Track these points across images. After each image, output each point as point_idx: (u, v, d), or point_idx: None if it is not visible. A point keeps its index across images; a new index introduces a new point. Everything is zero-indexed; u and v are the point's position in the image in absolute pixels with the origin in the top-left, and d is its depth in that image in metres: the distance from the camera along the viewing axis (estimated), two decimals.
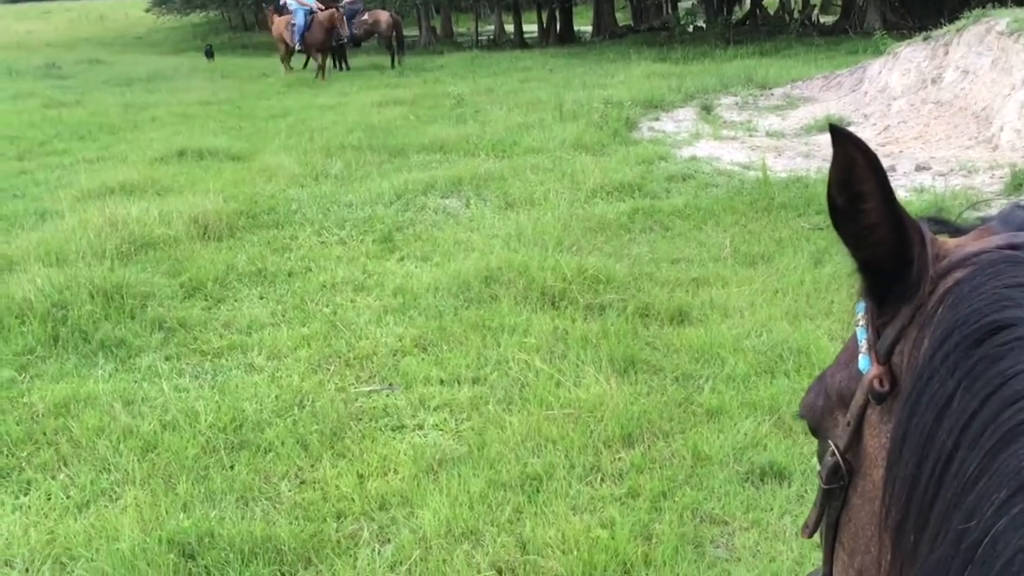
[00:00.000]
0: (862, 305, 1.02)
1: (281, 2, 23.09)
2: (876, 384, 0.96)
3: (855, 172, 0.93)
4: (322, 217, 8.36)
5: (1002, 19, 11.67)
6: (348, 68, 24.07)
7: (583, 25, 38.40)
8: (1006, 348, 0.83)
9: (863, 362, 0.99)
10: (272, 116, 15.41)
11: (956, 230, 1.03)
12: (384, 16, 24.40)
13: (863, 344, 1.00)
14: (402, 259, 7.29)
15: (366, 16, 25.14)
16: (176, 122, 15.03)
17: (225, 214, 8.23)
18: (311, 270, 7.04)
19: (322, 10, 21.69)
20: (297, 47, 21.94)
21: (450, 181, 9.52)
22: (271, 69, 24.14)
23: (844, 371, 1.06)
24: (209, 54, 34.36)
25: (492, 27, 38.59)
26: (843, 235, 0.98)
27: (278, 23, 22.45)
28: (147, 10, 48.94)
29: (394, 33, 24.31)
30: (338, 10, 21.97)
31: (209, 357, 5.59)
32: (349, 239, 7.79)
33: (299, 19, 21.55)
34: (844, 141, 0.92)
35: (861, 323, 1.02)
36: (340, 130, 13.08)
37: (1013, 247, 0.92)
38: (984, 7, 13.56)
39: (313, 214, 8.46)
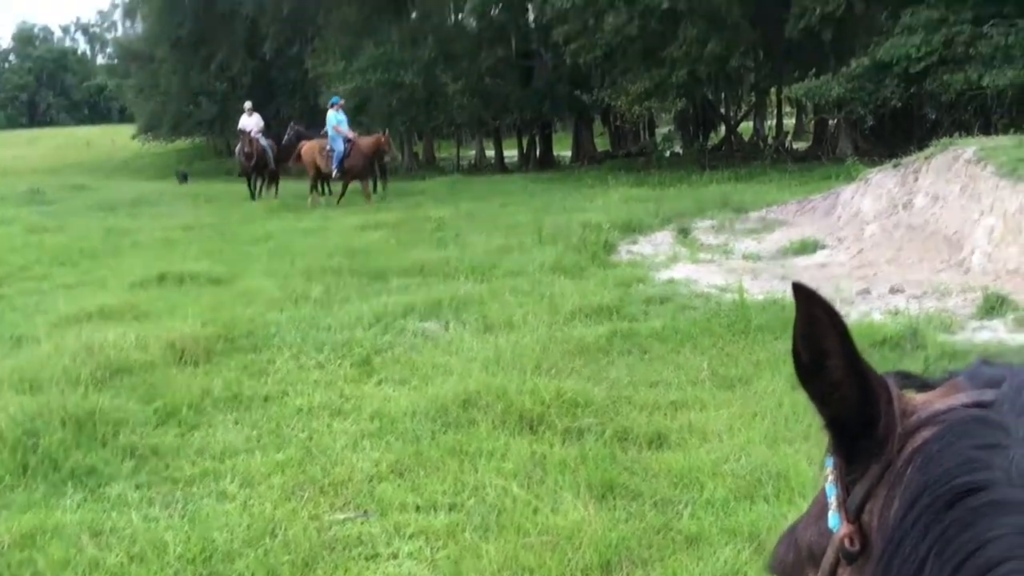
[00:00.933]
0: (831, 460, 1.00)
1: (247, 129, 23.58)
2: (847, 543, 0.94)
3: (818, 329, 0.92)
4: (300, 341, 8.33)
5: (969, 148, 12.00)
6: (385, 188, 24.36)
7: (563, 150, 39.24)
8: (978, 513, 0.81)
9: (833, 520, 0.97)
10: (254, 240, 15.53)
11: (923, 384, 1.02)
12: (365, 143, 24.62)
13: (832, 501, 0.98)
14: (380, 383, 7.25)
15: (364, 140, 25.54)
16: (157, 247, 15.12)
17: (203, 338, 8.19)
18: (288, 394, 6.98)
19: (351, 140, 21.65)
20: (335, 174, 21.49)
21: (429, 304, 9.55)
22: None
23: (814, 527, 1.04)
24: (183, 178, 34.87)
25: (473, 152, 39.36)
26: (809, 391, 0.97)
27: (309, 148, 22.07)
28: (133, 137, 49.82)
29: (377, 159, 24.69)
30: (383, 135, 22.24)
31: (181, 485, 5.48)
32: (327, 363, 7.76)
33: (337, 146, 21.29)
34: (806, 298, 0.92)
35: (830, 479, 1.00)
36: (321, 254, 13.17)
37: (981, 405, 0.91)
38: (951, 136, 13.94)
39: (292, 338, 8.43)
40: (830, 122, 29.50)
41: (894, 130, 26.06)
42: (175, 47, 43.82)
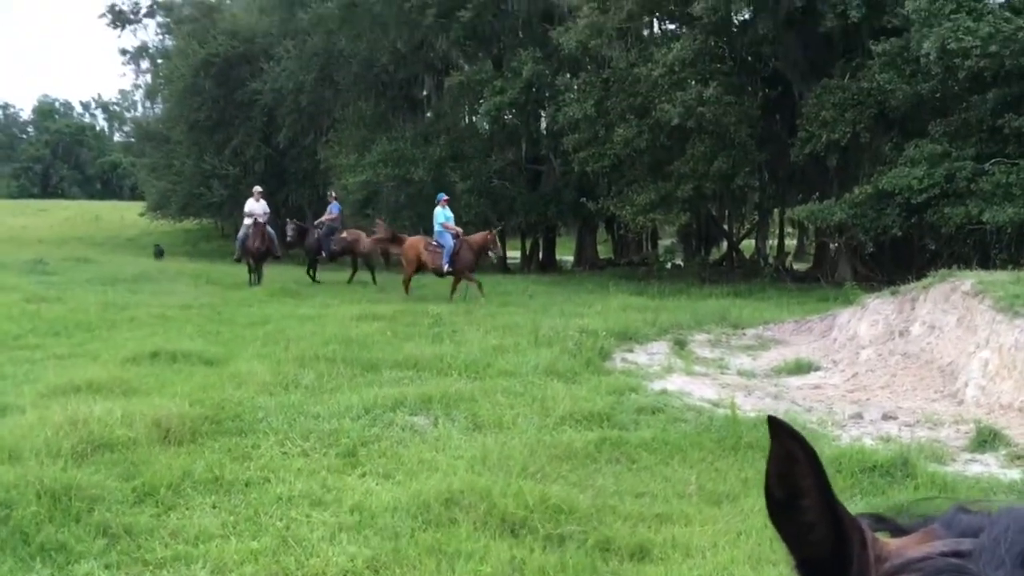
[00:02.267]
0: None
1: (255, 214, 23.69)
2: None
3: (794, 467, 0.91)
4: (287, 427, 8.27)
5: (967, 280, 12.10)
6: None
7: (565, 254, 39.52)
8: None
9: None
10: (251, 323, 15.53)
11: (897, 529, 1.01)
12: (363, 236, 24.48)
13: None
14: (364, 475, 7.16)
15: (345, 234, 25.67)
16: (154, 323, 15.11)
17: (189, 418, 8.13)
18: (269, 481, 6.89)
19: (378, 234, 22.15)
20: (446, 269, 20.89)
21: (420, 399, 9.50)
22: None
23: None
24: (159, 254, 35.17)
25: None
26: (781, 531, 0.95)
27: (413, 244, 21.62)
28: (141, 214, 50.22)
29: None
30: (491, 232, 22.02)
31: (151, 567, 5.38)
32: (312, 451, 7.68)
33: (447, 241, 20.92)
34: (783, 435, 0.91)
35: None
36: (317, 341, 13.15)
37: (958, 555, 0.89)
38: (949, 267, 14.07)
39: (278, 424, 8.37)
40: (831, 246, 29.76)
41: (894, 258, 26.30)
42: (192, 130, 44.49)
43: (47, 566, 5.26)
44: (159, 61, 53.64)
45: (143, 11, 53.79)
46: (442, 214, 21.41)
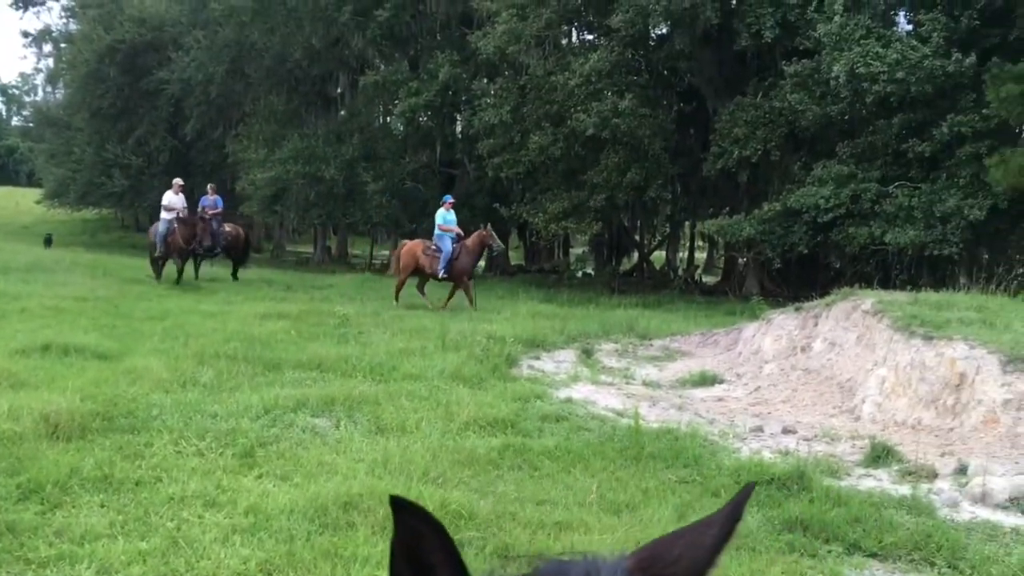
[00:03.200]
0: None
1: (175, 207, 22.87)
2: None
3: (423, 544, 0.89)
4: (183, 426, 8.02)
5: (868, 299, 12.40)
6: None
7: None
8: None
9: None
10: (149, 318, 15.10)
11: None
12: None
13: None
14: (260, 476, 6.98)
15: (228, 228, 24.60)
16: (47, 315, 14.57)
17: (79, 414, 7.83)
18: (161, 480, 6.66)
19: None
20: (442, 275, 19.85)
21: (323, 400, 9.32)
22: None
23: None
24: (48, 242, 34.23)
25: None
26: None
27: (411, 248, 20.50)
28: (38, 202, 48.70)
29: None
30: (485, 228, 20.63)
31: (34, 567, 5.14)
32: (208, 451, 7.46)
33: (445, 246, 19.85)
34: (408, 513, 0.87)
35: None
36: (218, 338, 12.84)
37: None
38: (852, 286, 14.41)
39: (173, 422, 8.11)
40: (740, 260, 30.34)
41: (799, 274, 26.92)
42: (94, 117, 43.30)
43: None
44: (62, 45, 52.17)
45: None
46: (442, 216, 20.40)
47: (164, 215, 22.21)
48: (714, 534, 1.06)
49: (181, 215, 22.10)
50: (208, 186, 24.88)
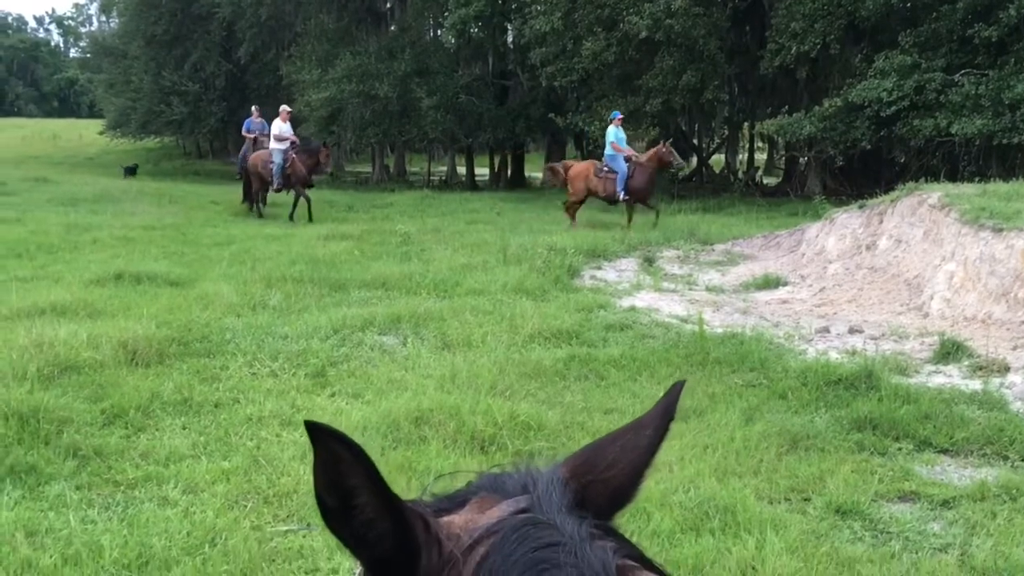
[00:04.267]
0: None
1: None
2: None
3: (341, 468, 0.89)
4: (256, 348, 8.23)
5: (934, 193, 12.15)
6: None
7: (534, 171, 39.31)
8: None
9: None
10: (216, 244, 15.38)
11: (442, 511, 1.00)
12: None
13: None
14: (333, 395, 7.17)
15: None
16: (117, 245, 14.92)
17: (156, 340, 8.07)
18: (239, 402, 6.88)
19: None
20: (621, 196, 18.79)
21: (389, 319, 9.47)
22: (220, 197, 24.25)
23: None
24: (130, 172, 34.57)
25: (445, 168, 39.34)
26: (340, 536, 0.94)
27: (581, 170, 19.29)
28: (101, 132, 49.30)
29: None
30: (663, 144, 19.50)
31: (122, 488, 5.38)
32: (281, 372, 7.66)
33: (619, 166, 18.72)
34: (325, 438, 0.88)
35: None
36: (283, 261, 13.06)
37: (524, 511, 0.93)
38: (918, 181, 14.10)
39: (247, 345, 8.33)
40: (800, 160, 29.79)
41: (863, 171, 26.38)
42: (149, 44, 43.43)
43: (18, 488, 5.24)
44: None
45: None
46: (613, 133, 19.12)
47: (276, 145, 20.17)
48: (648, 435, 1.09)
49: (295, 143, 20.62)
50: (252, 108, 24.82)
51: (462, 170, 38.20)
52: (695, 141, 36.99)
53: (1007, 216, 10.18)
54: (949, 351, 8.37)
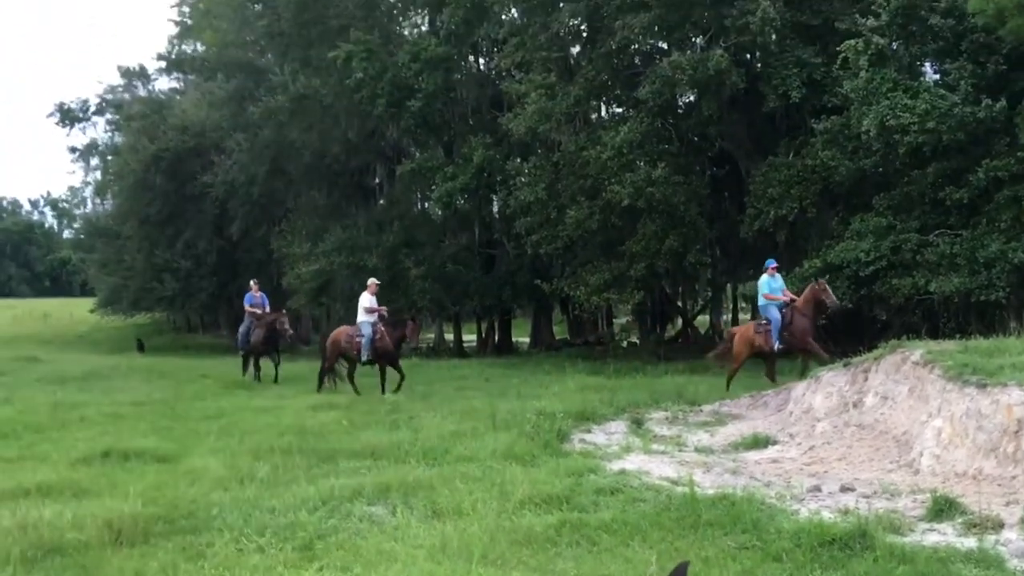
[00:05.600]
0: None
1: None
2: None
3: None
4: (242, 523, 8.13)
5: (917, 350, 12.29)
6: None
7: (521, 336, 39.58)
8: None
9: None
10: (206, 417, 15.32)
11: None
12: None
13: None
14: (321, 569, 7.04)
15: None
16: (105, 422, 14.85)
17: (142, 519, 7.98)
18: None
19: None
20: (778, 347, 17.60)
21: (378, 488, 9.40)
22: (210, 370, 24.28)
23: None
24: (140, 347, 34.84)
25: (432, 335, 39.57)
26: None
27: (743, 334, 18.64)
28: (92, 310, 49.74)
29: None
30: (817, 282, 18.27)
31: None
32: (268, 547, 7.55)
33: (773, 315, 17.76)
34: None
35: None
36: (272, 433, 13.01)
37: None
38: (900, 338, 14.28)
39: (233, 519, 8.22)
40: None
41: (846, 329, 26.64)
42: (143, 224, 44.40)
43: None
44: (109, 157, 53.78)
45: (92, 109, 53.98)
46: (766, 283, 18.31)
47: (365, 317, 19.77)
48: None
49: (385, 315, 20.18)
50: (251, 282, 25.15)
51: (450, 336, 38.47)
52: (680, 303, 37.51)
53: (990, 372, 10.28)
54: (942, 508, 8.31)
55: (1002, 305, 22.15)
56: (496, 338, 37.45)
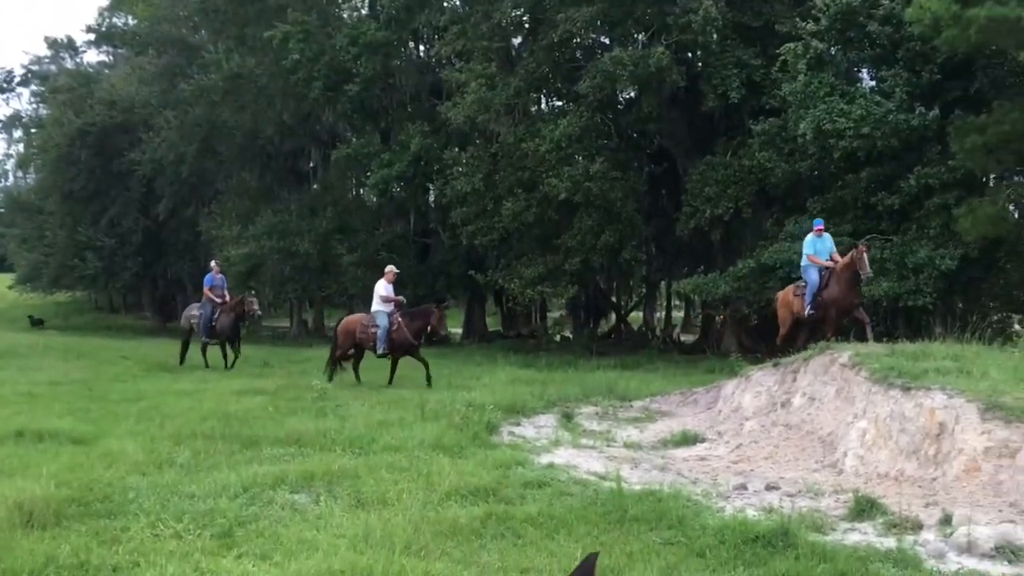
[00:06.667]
0: None
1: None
2: None
3: None
4: (160, 508, 7.88)
5: (845, 352, 12.47)
6: None
7: (454, 327, 39.38)
8: None
9: None
10: (124, 400, 14.94)
11: None
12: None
13: None
14: (240, 556, 6.85)
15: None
16: (20, 401, 14.39)
17: (54, 501, 7.70)
18: (139, 565, 6.52)
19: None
20: (808, 312, 15.99)
21: (302, 476, 9.21)
22: (131, 351, 23.73)
23: None
24: (35, 324, 33.94)
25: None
26: None
27: (784, 299, 17.32)
28: (10, 287, 48.39)
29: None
30: (856, 247, 15.87)
31: None
32: (186, 533, 7.33)
33: (811, 277, 16.05)
34: None
35: None
36: (194, 417, 12.71)
37: None
38: (827, 340, 14.45)
39: (150, 504, 7.98)
40: (716, 318, 30.44)
41: (777, 330, 26.97)
42: (66, 200, 43.25)
43: None
44: (32, 130, 52.30)
45: (16, 80, 52.52)
46: (811, 243, 16.45)
47: (381, 307, 18.84)
48: None
49: (402, 304, 19.35)
50: (212, 263, 24.48)
51: None
52: (614, 299, 37.67)
53: (915, 375, 10.44)
54: (864, 508, 8.39)
55: (929, 310, 22.63)
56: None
